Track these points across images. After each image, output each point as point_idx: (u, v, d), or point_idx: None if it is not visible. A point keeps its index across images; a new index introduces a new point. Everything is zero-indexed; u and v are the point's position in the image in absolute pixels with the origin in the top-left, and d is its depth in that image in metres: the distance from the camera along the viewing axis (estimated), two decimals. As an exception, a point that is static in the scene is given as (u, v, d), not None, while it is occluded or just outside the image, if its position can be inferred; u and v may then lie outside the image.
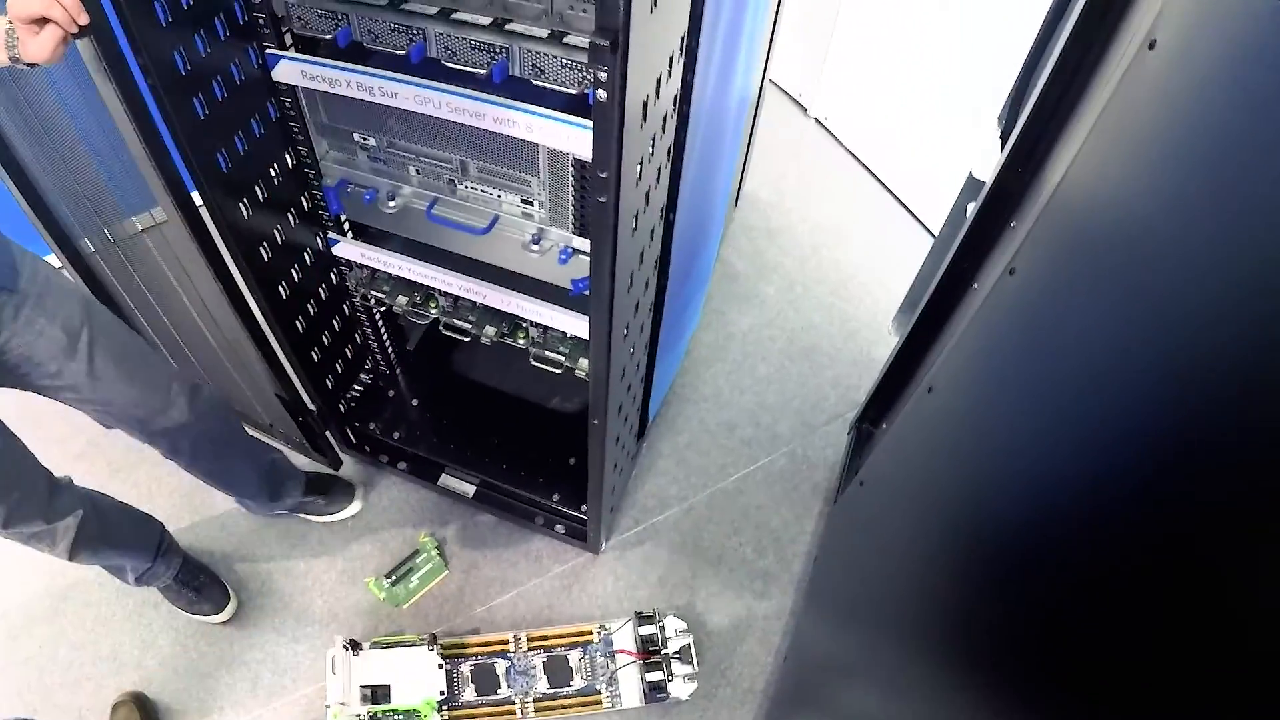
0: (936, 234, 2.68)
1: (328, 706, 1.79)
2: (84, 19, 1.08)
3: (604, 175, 1.06)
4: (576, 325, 1.51)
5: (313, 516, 2.22)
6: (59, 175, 1.76)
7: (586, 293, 1.40)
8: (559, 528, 2.10)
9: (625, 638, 1.94)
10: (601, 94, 0.95)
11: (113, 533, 1.77)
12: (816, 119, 3.21)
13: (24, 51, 1.09)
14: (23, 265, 1.39)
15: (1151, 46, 0.66)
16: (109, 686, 1.97)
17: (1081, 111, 0.97)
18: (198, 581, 2.04)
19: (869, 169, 3.04)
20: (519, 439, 2.14)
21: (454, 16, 1.15)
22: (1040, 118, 1.09)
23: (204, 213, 1.43)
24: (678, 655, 1.91)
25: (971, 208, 1.36)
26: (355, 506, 2.24)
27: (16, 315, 1.37)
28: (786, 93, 3.30)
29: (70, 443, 1.61)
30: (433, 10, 1.16)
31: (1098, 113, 0.81)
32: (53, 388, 1.49)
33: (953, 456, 1.20)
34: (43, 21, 1.07)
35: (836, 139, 3.15)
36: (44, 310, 1.40)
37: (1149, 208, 0.68)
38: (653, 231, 1.42)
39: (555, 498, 2.06)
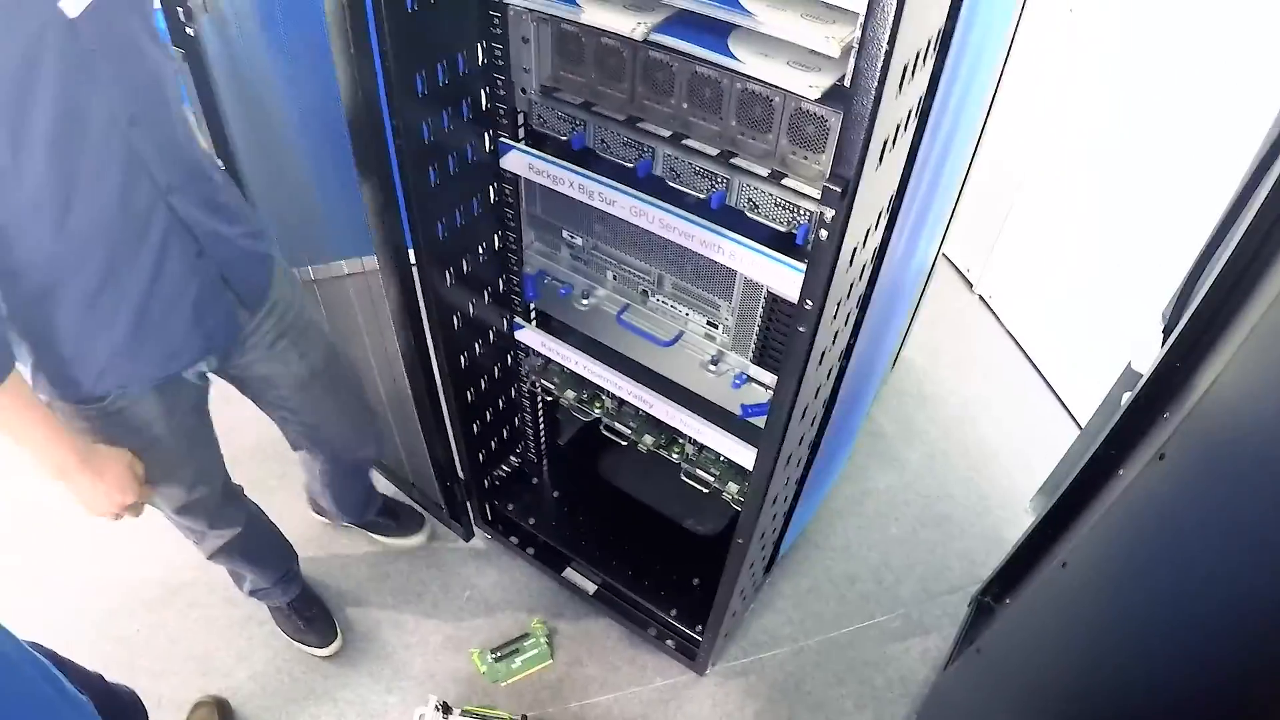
0: (1081, 422, 2.68)
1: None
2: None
3: (809, 306, 1.12)
4: (735, 450, 1.55)
5: (379, 536, 2.32)
6: (281, 205, 1.86)
7: (753, 419, 1.46)
8: (670, 642, 2.11)
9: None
10: (824, 233, 1.03)
11: (255, 550, 1.87)
12: (981, 295, 3.26)
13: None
14: (289, 294, 1.50)
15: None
16: (194, 686, 2.04)
17: (1244, 314, 1.01)
18: (310, 612, 2.11)
19: (1025, 351, 3.06)
20: (649, 549, 2.17)
21: (685, 142, 1.26)
22: (1203, 317, 1.12)
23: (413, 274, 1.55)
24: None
25: (1126, 397, 1.39)
26: (420, 539, 2.33)
27: (273, 345, 1.49)
28: (956, 267, 3.38)
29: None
30: (666, 133, 1.27)
31: (1260, 315, 0.86)
32: (275, 405, 1.62)
33: (1083, 634, 1.19)
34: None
35: (997, 317, 3.19)
36: (297, 347, 1.53)
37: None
38: (830, 370, 1.47)
39: (673, 613, 2.07)
